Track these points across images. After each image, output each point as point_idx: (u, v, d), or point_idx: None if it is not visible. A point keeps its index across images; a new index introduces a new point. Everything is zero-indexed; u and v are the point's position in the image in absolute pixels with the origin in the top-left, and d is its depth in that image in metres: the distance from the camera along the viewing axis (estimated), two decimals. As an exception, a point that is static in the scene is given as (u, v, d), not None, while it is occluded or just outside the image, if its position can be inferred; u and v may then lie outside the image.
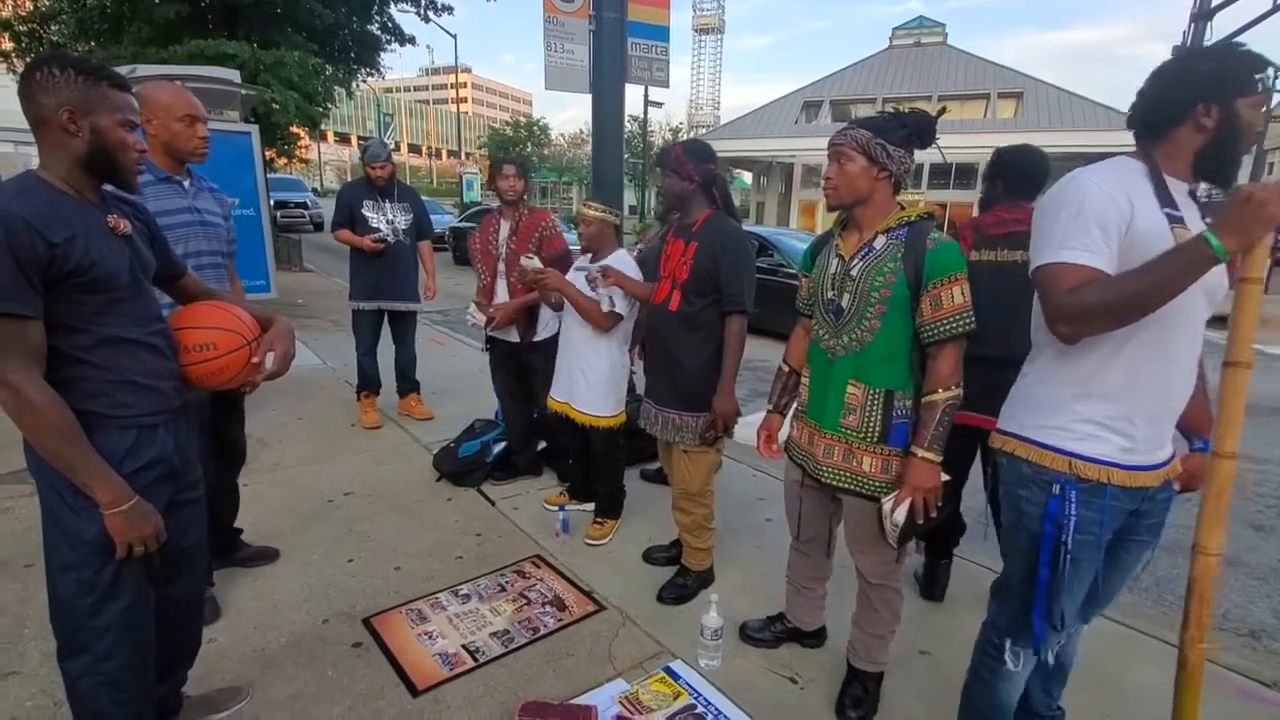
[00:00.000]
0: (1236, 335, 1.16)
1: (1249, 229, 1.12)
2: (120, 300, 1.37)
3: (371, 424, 4.24)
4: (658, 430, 2.46)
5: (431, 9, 12.28)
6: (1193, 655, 1.24)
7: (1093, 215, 1.28)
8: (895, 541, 1.72)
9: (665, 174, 2.35)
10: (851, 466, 1.78)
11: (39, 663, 2.00)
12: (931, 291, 1.64)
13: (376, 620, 2.31)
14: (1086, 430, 1.37)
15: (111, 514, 1.33)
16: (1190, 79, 1.30)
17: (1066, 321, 1.30)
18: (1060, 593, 1.42)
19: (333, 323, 7.28)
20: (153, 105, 2.04)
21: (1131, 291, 1.22)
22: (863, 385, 1.74)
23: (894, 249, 1.69)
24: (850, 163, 1.70)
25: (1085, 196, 1.30)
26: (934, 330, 1.65)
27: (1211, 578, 1.20)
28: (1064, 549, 1.39)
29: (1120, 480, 1.36)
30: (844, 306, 1.75)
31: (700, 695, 2.01)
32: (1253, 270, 1.15)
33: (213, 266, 2.21)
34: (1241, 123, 1.27)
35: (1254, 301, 1.15)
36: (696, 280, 2.27)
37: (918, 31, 28.18)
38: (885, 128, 1.69)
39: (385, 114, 34.09)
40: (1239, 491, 1.53)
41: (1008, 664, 1.54)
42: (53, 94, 1.29)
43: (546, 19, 4.02)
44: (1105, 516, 1.38)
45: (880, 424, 1.73)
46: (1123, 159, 1.38)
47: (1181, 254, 1.18)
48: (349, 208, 4.02)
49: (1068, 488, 1.37)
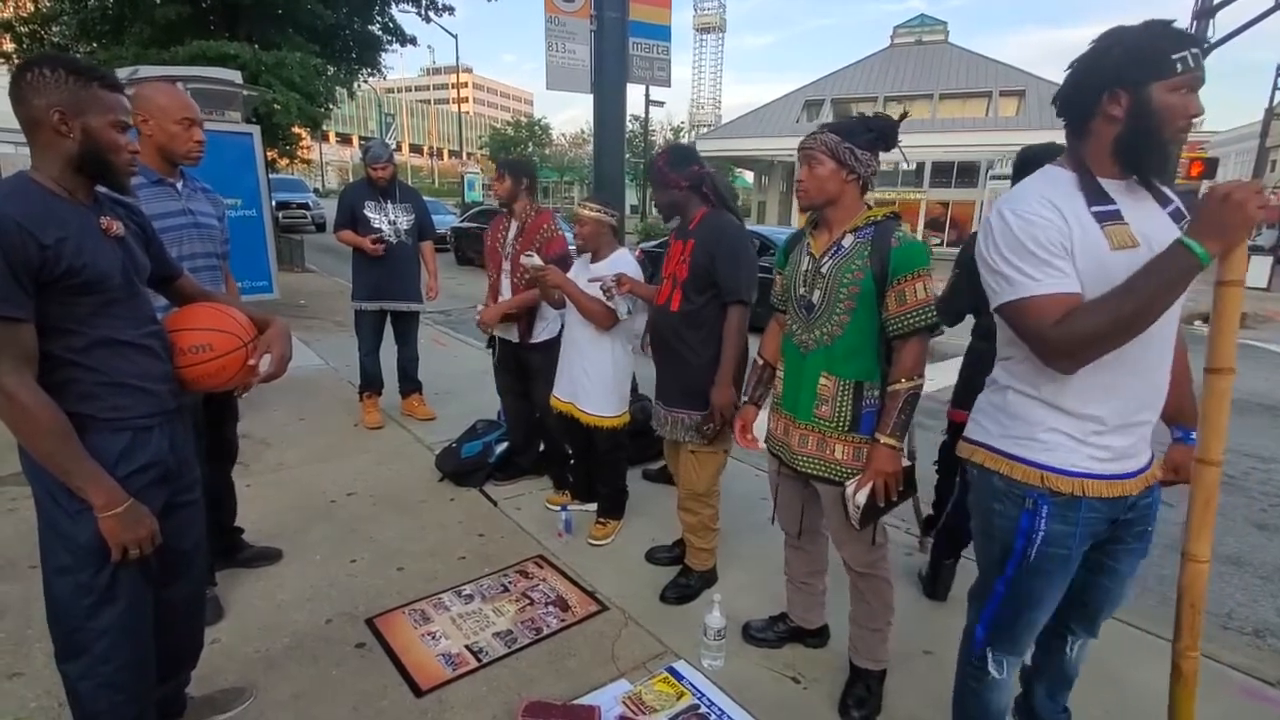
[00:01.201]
0: (1218, 340, 1.11)
1: (1229, 230, 1.08)
2: (113, 302, 1.36)
3: (374, 424, 4.25)
4: (668, 431, 2.46)
5: (432, 9, 12.28)
6: (1186, 665, 1.22)
7: (1034, 243, 1.22)
8: (858, 523, 1.78)
9: (654, 187, 2.42)
10: (825, 455, 1.84)
11: (43, 663, 2.00)
12: (896, 287, 1.69)
13: (379, 620, 2.32)
14: (1058, 441, 1.32)
15: (105, 517, 1.32)
16: (1096, 66, 1.22)
17: (1061, 355, 1.22)
18: (1026, 603, 1.40)
19: (335, 323, 7.29)
20: (149, 106, 2.03)
21: (1124, 314, 1.15)
22: (834, 377, 1.80)
23: (861, 247, 1.74)
24: (820, 165, 1.75)
25: (1019, 225, 1.23)
26: (899, 324, 1.70)
27: (1203, 585, 1.17)
28: (1026, 561, 1.36)
29: (1097, 491, 1.31)
30: (815, 302, 1.80)
31: (703, 695, 2.01)
32: (1232, 273, 1.10)
33: (208, 269, 2.20)
34: (1158, 109, 1.17)
35: (1235, 305, 1.10)
36: (695, 277, 2.29)
37: (919, 30, 28.16)
38: (852, 132, 1.74)
39: (387, 114, 34.15)
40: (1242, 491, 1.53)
41: (991, 673, 1.51)
42: (43, 95, 1.28)
43: (548, 19, 4.02)
44: (1080, 529, 1.33)
45: (851, 413, 1.79)
46: (1045, 170, 1.31)
47: (1166, 265, 1.12)
48: (351, 208, 4.02)
49: (1040, 501, 1.32)
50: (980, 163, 24.22)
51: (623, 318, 2.67)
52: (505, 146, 39.40)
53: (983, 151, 23.07)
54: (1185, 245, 1.10)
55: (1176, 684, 1.25)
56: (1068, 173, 1.29)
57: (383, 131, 31.99)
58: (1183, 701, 1.25)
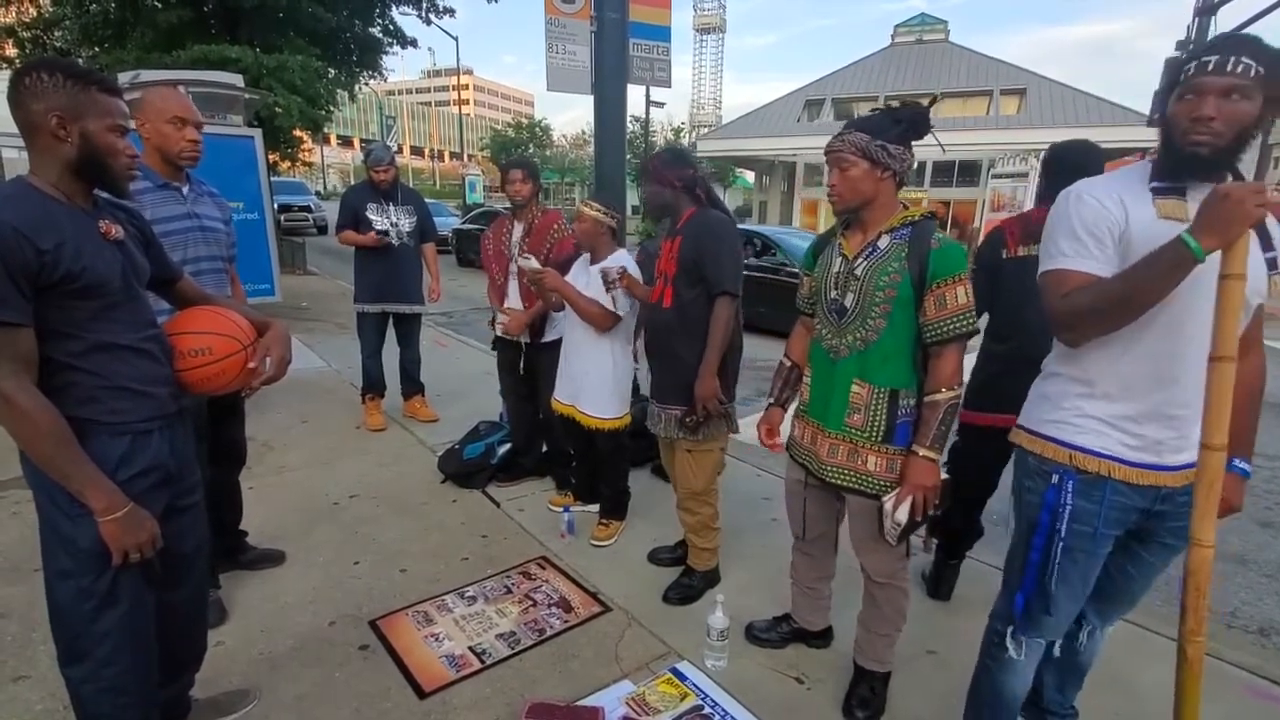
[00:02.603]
0: (1221, 331, 1.16)
1: (1227, 227, 1.12)
2: (113, 306, 1.36)
3: (376, 426, 4.25)
4: (661, 428, 2.46)
5: (433, 11, 12.29)
6: (1192, 649, 1.23)
7: (1080, 223, 1.33)
8: (895, 539, 1.74)
9: (647, 184, 2.41)
10: (856, 466, 1.79)
11: (48, 666, 2.00)
12: (935, 291, 1.64)
13: (383, 622, 2.32)
14: (1089, 425, 1.39)
15: (106, 521, 1.32)
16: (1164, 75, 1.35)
17: (1063, 327, 1.36)
18: (1050, 579, 1.44)
19: (337, 325, 7.30)
20: (145, 108, 2.04)
21: (1115, 294, 1.25)
22: (867, 384, 1.74)
23: (898, 248, 1.69)
24: (852, 168, 1.69)
25: (1074, 206, 1.35)
26: (937, 330, 1.65)
27: (1208, 570, 1.20)
28: (1058, 536, 1.41)
29: (1124, 476, 1.36)
30: (847, 306, 1.75)
31: (707, 696, 2.01)
32: (1233, 267, 1.15)
33: (213, 272, 2.21)
34: (1168, 117, 1.28)
35: (1237, 297, 1.15)
36: (684, 271, 2.29)
37: (920, 29, 28.11)
38: (882, 127, 1.68)
39: (388, 116, 34.18)
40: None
41: (1009, 652, 1.55)
42: (42, 99, 1.28)
43: (548, 20, 4.02)
44: (1106, 510, 1.38)
45: (885, 423, 1.74)
46: (1131, 164, 1.41)
47: (1162, 255, 1.19)
48: (353, 211, 4.03)
49: (1066, 478, 1.40)
50: (982, 161, 24.17)
51: (622, 314, 2.66)
52: (506, 148, 39.39)
53: (984, 150, 23.03)
54: (1183, 239, 1.15)
55: (1182, 670, 1.26)
56: (1147, 165, 1.36)
57: (384, 134, 31.98)
58: (1189, 689, 1.25)
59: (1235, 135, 1.24)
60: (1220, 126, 1.22)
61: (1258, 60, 1.20)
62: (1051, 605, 1.48)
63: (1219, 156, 1.25)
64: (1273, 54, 1.23)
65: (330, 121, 12.12)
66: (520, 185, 3.16)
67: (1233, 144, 1.24)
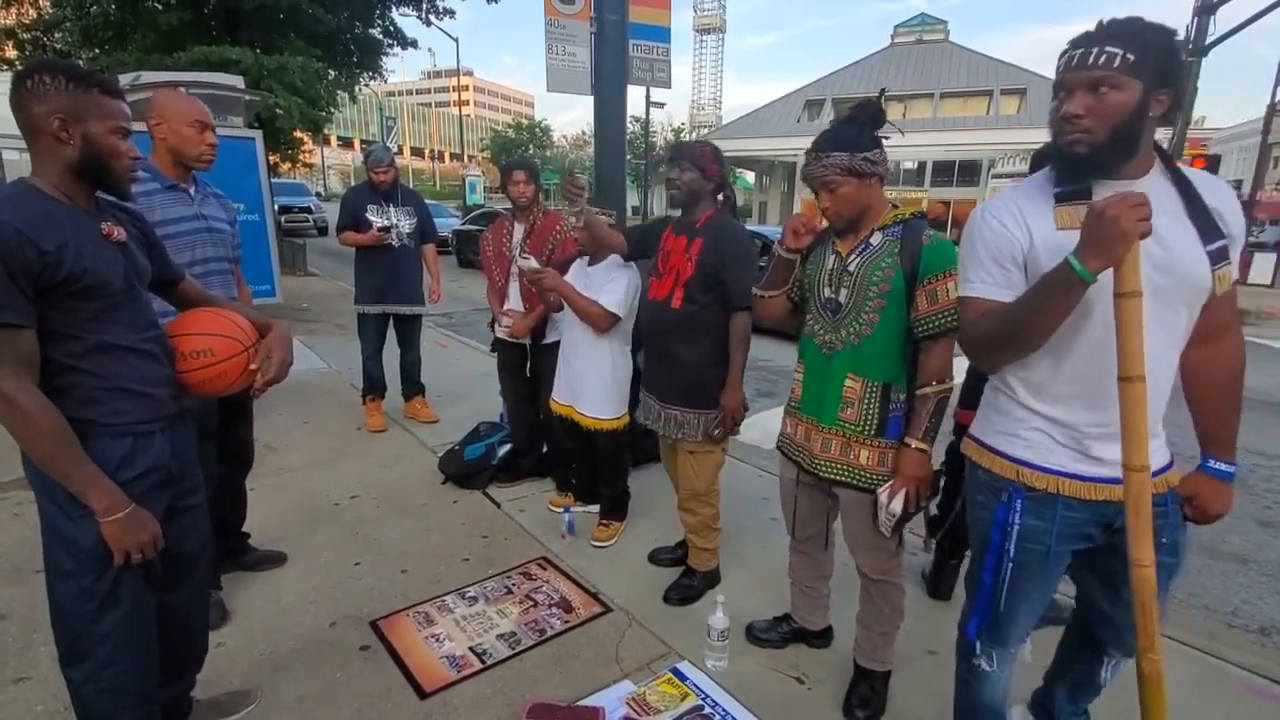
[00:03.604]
0: (1125, 350, 1.09)
1: (1109, 247, 1.05)
2: (114, 307, 1.36)
3: (377, 427, 4.25)
4: (659, 426, 2.46)
5: (433, 12, 12.32)
6: (1146, 665, 1.22)
7: (983, 248, 1.29)
8: (890, 530, 1.77)
9: (685, 167, 2.30)
10: (849, 460, 1.81)
11: (49, 667, 2.01)
12: (927, 286, 1.67)
13: (384, 623, 2.32)
14: (1036, 438, 1.33)
15: (107, 521, 1.32)
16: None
17: (975, 354, 1.34)
18: (1002, 600, 1.40)
19: (337, 326, 7.30)
20: (163, 110, 2.05)
21: (1012, 321, 1.22)
22: (861, 379, 1.77)
23: (890, 245, 1.73)
24: (841, 187, 1.71)
25: (978, 229, 1.32)
26: (928, 324, 1.68)
27: (1151, 588, 1.15)
28: (1007, 556, 1.37)
29: (1074, 491, 1.30)
30: (842, 302, 1.78)
31: (707, 696, 2.01)
32: (1126, 285, 1.07)
33: (220, 273, 2.22)
34: (1050, 119, 1.24)
35: (1136, 316, 1.08)
36: (702, 276, 2.28)
37: (919, 29, 28.16)
38: (850, 139, 1.69)
39: (388, 117, 34.20)
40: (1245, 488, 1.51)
41: (980, 665, 1.52)
42: (44, 102, 1.28)
43: (548, 21, 4.02)
44: (1059, 527, 1.32)
45: (878, 417, 1.77)
46: (1038, 174, 1.33)
47: (1051, 279, 1.14)
48: (354, 212, 4.03)
49: (1015, 496, 1.35)
50: (982, 161, 24.19)
51: (621, 316, 2.66)
52: (506, 149, 39.44)
53: (984, 150, 23.05)
54: (1068, 261, 1.10)
55: (1142, 687, 1.25)
56: (1050, 169, 1.31)
57: (384, 135, 32.02)
58: (1152, 700, 1.25)
59: (1111, 130, 1.15)
60: (1090, 123, 1.15)
61: (1126, 47, 1.12)
62: (1008, 623, 1.45)
63: (1099, 154, 1.18)
64: (1148, 36, 1.14)
65: (330, 123, 12.15)
66: (524, 186, 3.17)
67: (1111, 139, 1.16)
